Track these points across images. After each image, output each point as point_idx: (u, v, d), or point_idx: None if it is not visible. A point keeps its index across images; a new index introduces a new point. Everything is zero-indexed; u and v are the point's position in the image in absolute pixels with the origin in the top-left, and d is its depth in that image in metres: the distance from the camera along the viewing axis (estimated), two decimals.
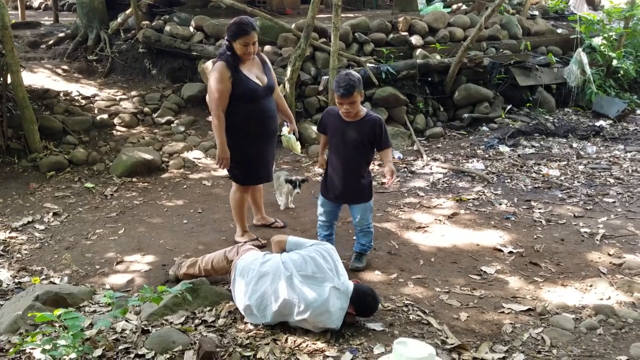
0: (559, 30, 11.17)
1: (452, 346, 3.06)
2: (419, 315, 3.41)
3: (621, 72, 9.68)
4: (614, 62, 9.57)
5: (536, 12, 12.06)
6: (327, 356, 2.94)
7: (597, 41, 9.87)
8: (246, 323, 3.26)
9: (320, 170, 6.45)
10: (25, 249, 4.68)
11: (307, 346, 3.03)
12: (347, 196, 4.00)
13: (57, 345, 2.58)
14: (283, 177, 5.22)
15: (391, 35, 9.08)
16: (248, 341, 3.07)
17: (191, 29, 8.93)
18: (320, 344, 3.04)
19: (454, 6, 11.41)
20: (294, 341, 3.07)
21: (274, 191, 5.48)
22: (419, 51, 8.85)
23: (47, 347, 2.57)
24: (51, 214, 5.45)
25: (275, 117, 4.38)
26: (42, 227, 5.17)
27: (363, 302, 3.23)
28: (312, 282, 3.16)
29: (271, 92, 4.30)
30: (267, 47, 8.31)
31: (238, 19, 4.07)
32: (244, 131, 4.17)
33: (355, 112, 3.80)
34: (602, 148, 7.48)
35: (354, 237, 4.26)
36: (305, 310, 3.09)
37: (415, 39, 9.03)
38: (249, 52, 4.03)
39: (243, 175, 4.39)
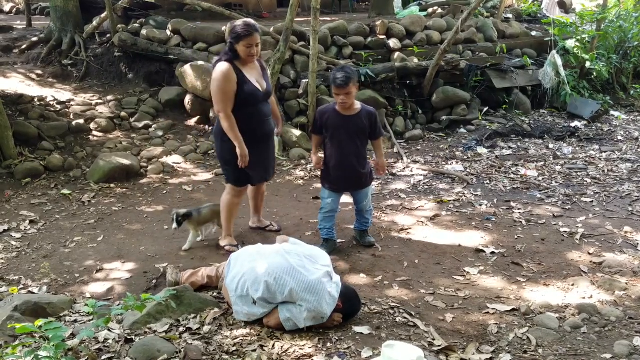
0: (533, 33, 11.34)
1: (440, 348, 3.06)
2: (405, 318, 3.41)
3: (594, 73, 9.86)
4: (587, 64, 9.73)
5: (510, 15, 12.23)
6: None
7: (570, 43, 10.04)
8: (232, 330, 3.23)
9: (300, 174, 6.49)
10: (2, 258, 4.56)
11: (294, 352, 3.00)
12: (354, 184, 4.36)
13: (39, 356, 2.51)
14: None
15: (369, 39, 9.11)
16: (235, 348, 3.03)
17: (168, 32, 8.83)
18: (307, 349, 3.02)
19: (430, 10, 11.50)
20: (282, 347, 3.05)
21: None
22: (397, 54, 8.90)
23: (29, 358, 2.50)
24: (28, 221, 5.33)
25: (270, 120, 4.42)
26: (18, 235, 5.04)
27: (350, 298, 3.36)
28: (308, 261, 3.33)
29: (269, 97, 4.36)
30: None
31: (241, 21, 4.11)
32: (242, 133, 4.14)
33: (351, 104, 4.09)
34: (577, 148, 7.60)
35: (353, 225, 4.67)
36: (300, 283, 3.15)
37: (393, 42, 9.07)
38: (252, 53, 4.06)
39: (238, 176, 4.37)
